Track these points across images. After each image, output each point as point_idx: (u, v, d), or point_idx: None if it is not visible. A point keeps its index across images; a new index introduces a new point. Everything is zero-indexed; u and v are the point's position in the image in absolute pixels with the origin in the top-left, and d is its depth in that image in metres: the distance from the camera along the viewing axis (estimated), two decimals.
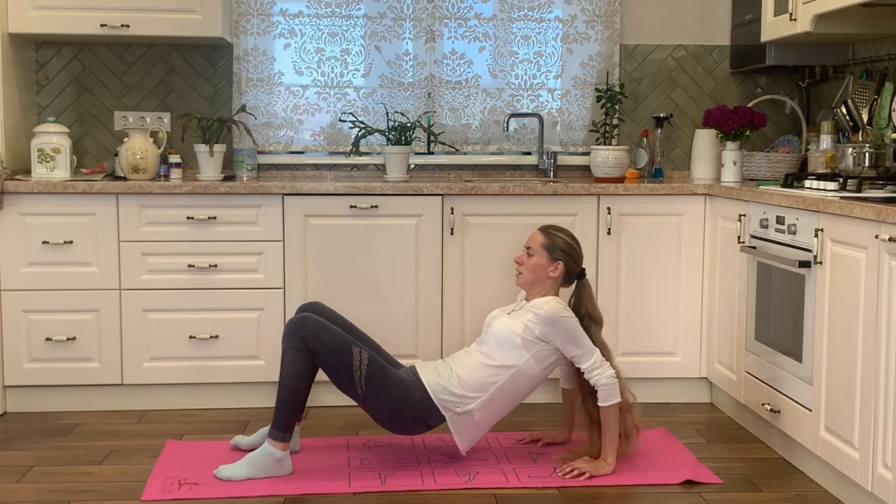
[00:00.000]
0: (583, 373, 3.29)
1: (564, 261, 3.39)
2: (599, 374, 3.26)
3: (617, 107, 4.57)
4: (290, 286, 4.04)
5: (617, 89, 4.57)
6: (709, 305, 4.13)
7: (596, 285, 4.08)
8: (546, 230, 3.44)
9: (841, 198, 3.10)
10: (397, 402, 3.26)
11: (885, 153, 3.67)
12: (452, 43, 4.65)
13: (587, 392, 3.36)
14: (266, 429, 3.40)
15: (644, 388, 4.20)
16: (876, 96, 3.93)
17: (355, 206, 4.04)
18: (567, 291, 3.47)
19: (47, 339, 3.98)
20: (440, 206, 4.07)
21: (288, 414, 3.23)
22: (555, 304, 3.31)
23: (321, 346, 3.21)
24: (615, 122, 4.64)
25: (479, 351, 3.36)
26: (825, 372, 3.14)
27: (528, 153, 4.77)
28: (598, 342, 3.36)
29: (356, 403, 3.32)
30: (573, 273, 3.43)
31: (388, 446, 3.59)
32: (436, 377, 3.30)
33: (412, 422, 3.31)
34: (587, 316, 3.40)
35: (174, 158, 4.31)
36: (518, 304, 3.45)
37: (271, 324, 4.04)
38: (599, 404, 3.28)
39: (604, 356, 3.32)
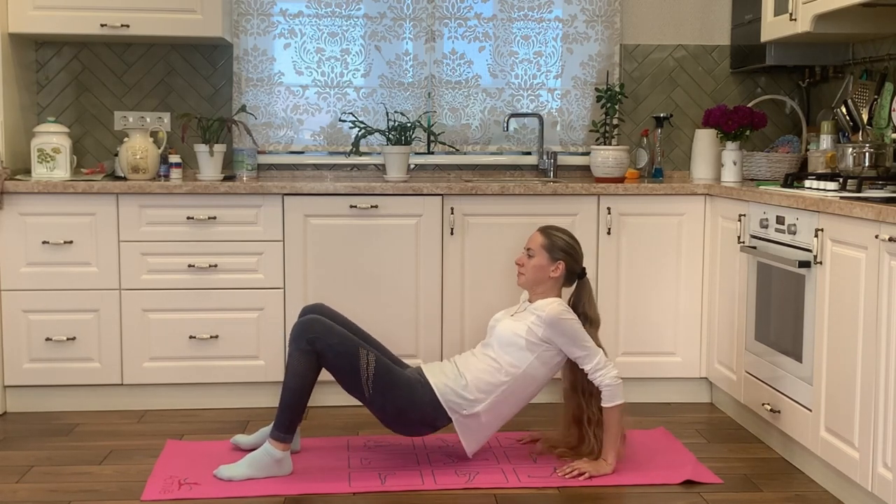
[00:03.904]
0: (587, 374, 3.29)
1: (565, 260, 3.39)
2: (603, 374, 3.26)
3: (617, 107, 4.57)
4: (290, 286, 4.04)
5: (617, 89, 4.57)
6: (709, 305, 4.13)
7: (596, 285, 4.08)
8: (545, 231, 3.45)
9: (841, 198, 3.10)
10: (404, 404, 3.26)
11: (885, 153, 3.67)
12: (452, 43, 4.65)
13: (586, 392, 3.35)
14: (266, 428, 3.41)
15: (644, 388, 4.20)
16: (876, 96, 3.93)
17: (355, 206, 4.04)
18: (568, 291, 3.47)
19: (47, 339, 3.98)
20: (440, 206, 4.07)
21: (291, 415, 3.23)
22: (557, 306, 3.31)
23: (328, 348, 3.21)
24: (615, 122, 4.64)
25: (485, 353, 3.36)
26: (825, 372, 3.14)
27: (528, 153, 4.76)
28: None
29: (361, 404, 3.32)
30: (574, 272, 3.43)
31: (388, 446, 3.59)
32: (443, 378, 3.30)
33: (418, 423, 3.32)
34: (584, 316, 3.38)
35: (174, 158, 4.32)
36: (521, 306, 3.45)
37: (271, 324, 4.04)
38: (603, 405, 3.27)
39: None
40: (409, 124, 4.36)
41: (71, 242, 3.96)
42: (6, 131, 4.05)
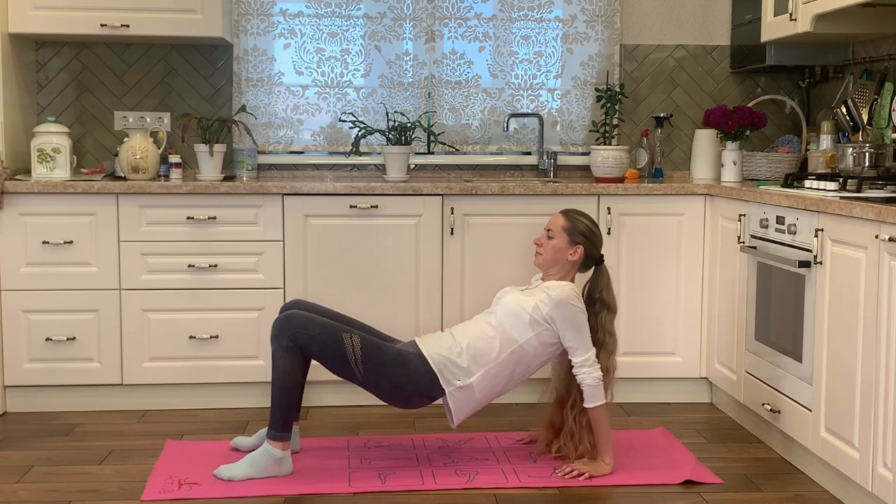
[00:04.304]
0: (572, 366, 3.29)
1: (584, 245, 3.39)
2: (587, 373, 3.26)
3: (617, 107, 4.57)
4: (290, 286, 4.04)
5: (617, 89, 4.57)
6: (709, 305, 4.13)
7: None
8: (568, 213, 3.45)
9: (841, 198, 3.10)
10: (398, 378, 3.25)
11: (885, 153, 3.67)
12: (452, 43, 4.65)
13: (574, 394, 3.35)
14: (266, 429, 3.41)
15: (644, 388, 4.21)
16: (876, 96, 3.93)
17: (355, 206, 4.04)
18: (582, 279, 3.47)
19: (47, 339, 3.98)
20: (440, 206, 4.07)
21: (284, 413, 3.23)
22: (569, 290, 3.31)
23: (311, 340, 3.21)
24: (615, 122, 4.64)
25: (486, 321, 3.36)
26: (825, 372, 3.14)
27: (528, 153, 4.76)
28: (608, 330, 3.36)
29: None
30: (592, 257, 3.43)
31: (388, 446, 3.59)
32: (437, 348, 3.29)
33: (415, 395, 3.30)
34: (601, 302, 3.39)
35: (174, 158, 4.31)
36: (533, 284, 3.45)
37: (271, 324, 4.03)
38: (585, 405, 3.27)
39: (610, 346, 3.34)
40: (409, 124, 4.36)
41: (71, 242, 3.96)
42: (6, 131, 4.05)
